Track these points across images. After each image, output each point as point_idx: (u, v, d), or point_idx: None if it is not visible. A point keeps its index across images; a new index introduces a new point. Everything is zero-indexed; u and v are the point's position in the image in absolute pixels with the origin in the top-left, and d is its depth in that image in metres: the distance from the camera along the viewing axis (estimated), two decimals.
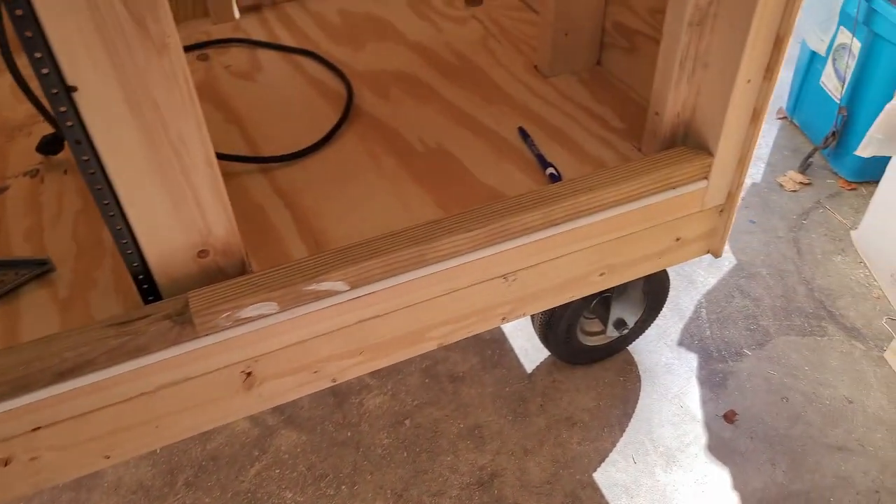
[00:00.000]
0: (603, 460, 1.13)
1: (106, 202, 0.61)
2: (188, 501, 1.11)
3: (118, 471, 1.16)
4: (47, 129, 1.05)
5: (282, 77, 1.18)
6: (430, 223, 0.79)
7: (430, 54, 1.25)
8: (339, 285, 0.74)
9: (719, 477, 1.12)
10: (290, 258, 0.82)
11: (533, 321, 1.25)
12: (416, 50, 1.27)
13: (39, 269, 0.79)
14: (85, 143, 0.56)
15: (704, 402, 1.21)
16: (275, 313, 0.72)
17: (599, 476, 1.11)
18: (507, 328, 1.43)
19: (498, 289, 0.86)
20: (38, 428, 0.68)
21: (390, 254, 0.75)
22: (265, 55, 1.24)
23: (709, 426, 1.18)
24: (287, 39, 1.28)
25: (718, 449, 1.15)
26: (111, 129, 0.56)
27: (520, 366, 1.34)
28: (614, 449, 1.15)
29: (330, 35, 1.29)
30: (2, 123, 1.12)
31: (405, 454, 1.17)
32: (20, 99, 1.13)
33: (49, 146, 1.00)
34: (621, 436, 1.17)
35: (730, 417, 1.19)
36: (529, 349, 1.37)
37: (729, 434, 1.17)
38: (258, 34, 1.29)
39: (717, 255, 1.00)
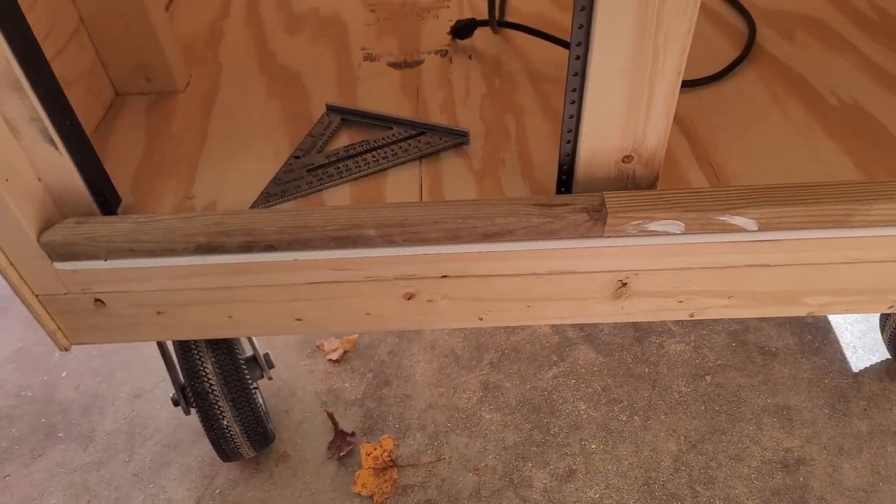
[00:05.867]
0: None
1: (574, 88, 0.64)
2: (491, 379, 1.20)
3: (434, 334, 1.29)
4: (451, 14, 1.14)
5: None
6: (864, 183, 0.72)
7: (842, 1, 1.12)
8: (750, 223, 0.71)
9: None
10: (687, 184, 0.81)
11: (883, 322, 1.12)
12: None
13: (458, 140, 0.87)
14: (585, 28, 0.59)
15: None
16: (677, 234, 0.72)
17: None
18: (835, 318, 1.31)
19: None
20: (447, 276, 0.76)
21: (814, 205, 0.70)
22: None
23: None
24: None
25: None
26: (614, 17, 0.58)
27: (844, 360, 1.22)
28: None
29: None
30: (413, 5, 1.23)
31: (703, 408, 1.15)
32: None
33: (461, 31, 1.08)
34: None
35: None
36: (858, 347, 1.24)
37: None
38: None
39: None
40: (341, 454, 1.13)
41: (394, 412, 1.17)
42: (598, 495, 1.03)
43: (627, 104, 0.65)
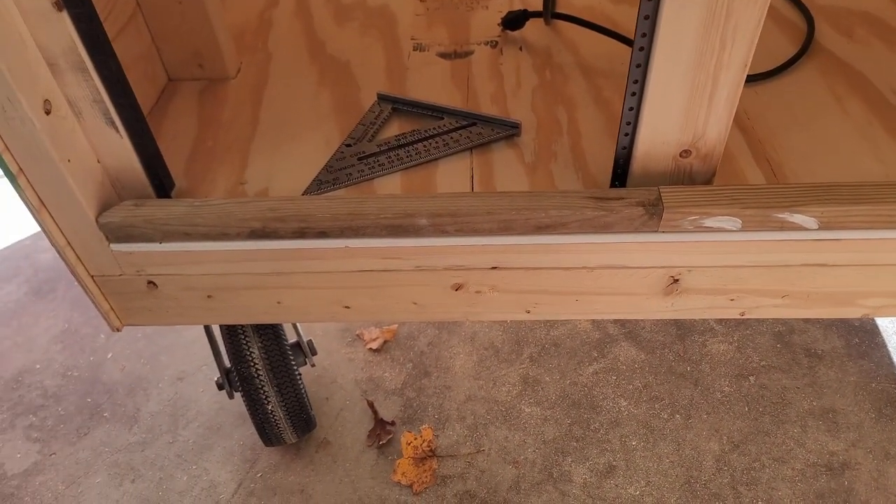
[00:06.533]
0: None
1: (636, 80, 0.63)
2: (531, 373, 1.20)
3: (474, 326, 1.29)
4: (500, 6, 1.13)
5: None
6: None
7: None
8: (810, 222, 0.69)
9: None
10: (743, 181, 0.79)
11: None
12: None
13: (510, 131, 0.86)
14: (651, 18, 0.58)
15: None
16: (734, 231, 0.71)
17: None
18: (882, 322, 1.27)
19: None
20: (496, 268, 0.76)
21: (880, 204, 0.68)
22: None
23: None
24: None
25: None
26: (682, 7, 0.57)
27: (891, 365, 1.19)
28: None
29: None
30: None
31: (746, 408, 1.13)
32: None
33: (512, 22, 1.07)
34: None
35: None
36: None
37: None
38: None
39: None
40: (381, 443, 1.13)
41: (433, 403, 1.18)
42: (638, 492, 1.03)
43: (689, 97, 0.64)
